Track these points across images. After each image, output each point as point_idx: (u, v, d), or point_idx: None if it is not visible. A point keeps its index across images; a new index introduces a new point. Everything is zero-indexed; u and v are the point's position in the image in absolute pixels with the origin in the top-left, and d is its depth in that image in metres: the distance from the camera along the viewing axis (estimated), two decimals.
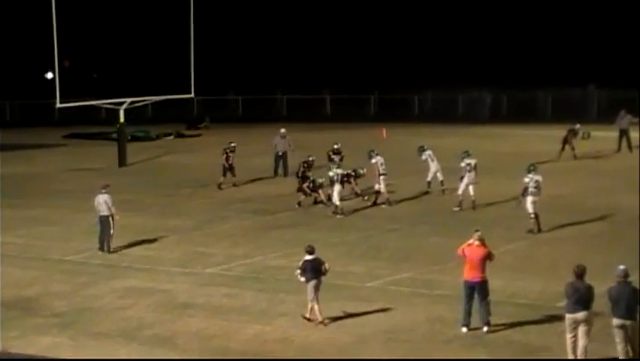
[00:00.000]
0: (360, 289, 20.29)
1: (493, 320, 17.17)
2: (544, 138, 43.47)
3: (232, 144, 33.57)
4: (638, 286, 15.29)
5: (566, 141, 37.09)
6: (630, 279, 15.24)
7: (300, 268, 18.03)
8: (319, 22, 73.18)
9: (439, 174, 30.37)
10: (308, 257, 18.06)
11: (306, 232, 25.81)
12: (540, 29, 66.68)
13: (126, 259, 23.57)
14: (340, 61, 70.44)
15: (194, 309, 19.20)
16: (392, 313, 18.50)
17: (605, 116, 48.25)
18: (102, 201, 24.15)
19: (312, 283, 17.87)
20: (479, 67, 64.46)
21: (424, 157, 30.71)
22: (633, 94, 52.43)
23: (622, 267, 15.23)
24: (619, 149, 38.81)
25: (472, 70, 63.96)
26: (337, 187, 27.93)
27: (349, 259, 22.84)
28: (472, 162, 27.95)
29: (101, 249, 24.00)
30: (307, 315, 17.97)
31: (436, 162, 30.54)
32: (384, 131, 46.20)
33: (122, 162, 40.21)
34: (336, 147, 32.74)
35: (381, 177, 29.16)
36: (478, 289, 17.01)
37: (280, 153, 35.80)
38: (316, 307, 17.86)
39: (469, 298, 17.10)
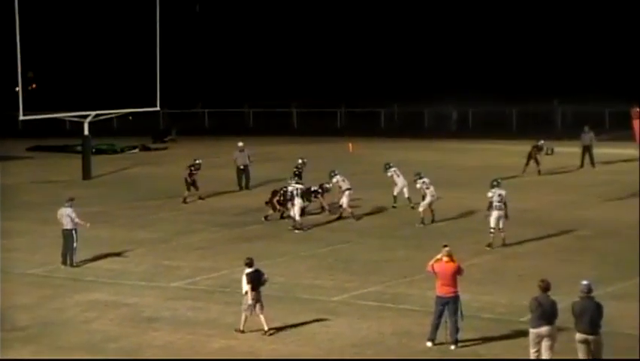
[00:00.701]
0: (328, 302, 20.24)
1: (460, 335, 17.17)
2: (510, 152, 43.73)
3: (197, 161, 33.45)
4: (601, 302, 15.39)
5: (530, 157, 37.38)
6: (594, 294, 15.33)
7: (247, 282, 18.04)
8: (287, 35, 73.28)
9: (405, 190, 30.42)
10: (249, 270, 18.20)
11: (274, 245, 25.76)
12: (504, 45, 67.16)
13: (91, 273, 23.35)
14: (308, 74, 70.57)
15: (159, 323, 19.05)
16: (359, 326, 18.47)
17: (570, 132, 48.72)
18: (65, 215, 23.92)
19: (253, 294, 17.98)
20: (446, 81, 64.80)
21: (389, 174, 30.81)
22: (597, 109, 52.94)
23: (585, 282, 15.31)
24: (582, 165, 39.14)
25: (439, 84, 64.29)
26: (297, 202, 27.80)
27: (317, 272, 22.80)
28: (427, 180, 28.13)
29: (64, 263, 23.77)
30: (241, 327, 18.05)
31: (402, 177, 30.61)
32: (350, 145, 46.28)
33: (86, 174, 39.97)
34: (300, 162, 32.64)
35: (346, 193, 29.19)
36: (449, 304, 17.00)
37: (241, 167, 35.80)
38: (261, 317, 17.96)
39: (440, 314, 17.09)
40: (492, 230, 24.72)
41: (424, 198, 28.08)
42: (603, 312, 15.18)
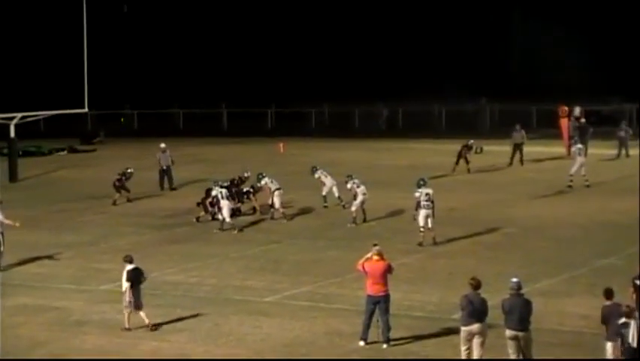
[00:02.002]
0: (259, 303, 20.18)
1: (392, 333, 17.24)
2: (439, 151, 44.09)
3: (129, 170, 33.38)
4: (530, 299, 15.61)
5: (460, 155, 37.74)
6: (523, 291, 15.53)
7: (126, 279, 18.40)
8: (215, 35, 72.92)
9: (334, 189, 30.46)
10: (129, 266, 18.57)
11: (203, 247, 25.62)
12: (432, 44, 67.69)
13: (18, 276, 22.95)
14: (237, 75, 70.28)
15: (89, 326, 18.81)
16: (291, 327, 18.45)
17: (497, 130, 49.33)
18: None
19: (130, 291, 18.28)
20: (375, 80, 65.10)
21: (316, 176, 30.84)
22: (524, 108, 53.67)
23: (515, 279, 15.50)
24: (511, 163, 39.62)
25: (368, 83, 64.57)
26: (224, 203, 27.61)
27: (248, 273, 22.73)
28: (357, 180, 28.27)
29: None
30: (126, 325, 18.26)
31: (330, 177, 30.65)
32: (281, 145, 46.25)
33: (13, 176, 39.33)
34: (246, 175, 31.71)
35: (276, 192, 29.15)
36: (381, 303, 17.04)
37: (164, 168, 35.64)
38: (141, 313, 18.25)
39: (371, 313, 17.12)
40: (422, 229, 24.89)
41: (355, 197, 28.17)
42: (532, 309, 15.39)
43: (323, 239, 26.54)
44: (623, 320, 14.28)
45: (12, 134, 39.98)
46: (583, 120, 42.24)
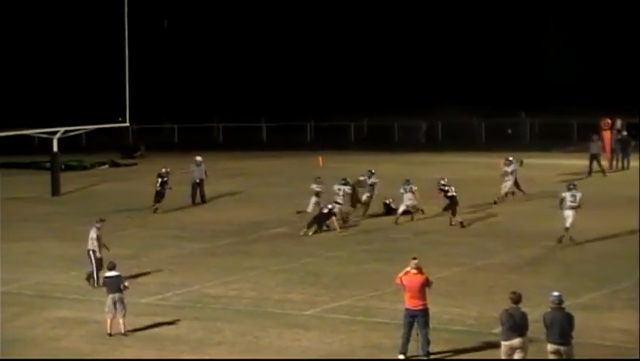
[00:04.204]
0: (299, 316, 20.21)
1: (431, 347, 17.18)
2: (479, 164, 43.88)
3: (164, 170, 34.13)
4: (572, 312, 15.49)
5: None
6: (564, 305, 15.42)
7: (103, 284, 19.37)
8: (255, 49, 73.29)
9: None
10: (109, 273, 19.21)
11: (244, 260, 25.69)
12: (473, 58, 67.57)
13: (60, 290, 23.17)
14: (276, 88, 70.57)
15: (129, 339, 18.93)
16: (330, 340, 18.45)
17: (537, 144, 49.01)
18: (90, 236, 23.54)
19: (110, 297, 18.96)
20: (414, 94, 65.02)
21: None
22: (565, 121, 53.31)
23: (556, 293, 15.41)
24: (590, 173, 39.30)
25: (408, 97, 64.50)
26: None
27: (288, 286, 22.77)
28: (407, 187, 29.36)
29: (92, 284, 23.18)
30: (108, 330, 18.84)
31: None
32: (320, 158, 46.27)
33: (55, 190, 39.69)
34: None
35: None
36: (419, 318, 17.02)
37: (197, 181, 35.75)
38: (121, 321, 18.82)
39: (409, 327, 17.10)
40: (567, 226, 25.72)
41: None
42: (574, 323, 15.27)
43: (363, 252, 26.52)
44: None
45: (55, 148, 40.36)
46: (625, 133, 41.93)
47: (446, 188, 29.60)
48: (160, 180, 33.82)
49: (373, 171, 32.54)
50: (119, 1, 41.04)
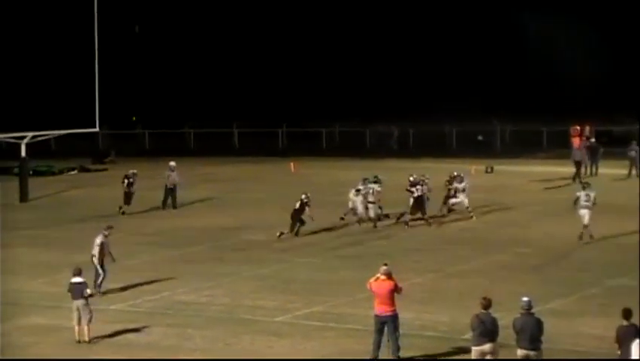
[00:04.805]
0: (271, 323, 20.16)
1: (403, 353, 17.21)
2: (450, 170, 43.88)
3: (131, 171, 34.40)
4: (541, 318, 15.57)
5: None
6: (534, 310, 15.49)
7: (68, 290, 19.14)
8: (227, 55, 73.18)
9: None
10: (74, 279, 19.15)
11: (216, 266, 25.60)
12: (444, 64, 67.81)
13: (30, 296, 22.95)
14: (248, 94, 70.47)
15: (100, 346, 18.80)
16: (302, 347, 18.41)
17: (509, 151, 49.26)
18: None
19: (75, 303, 18.86)
20: (386, 100, 65.16)
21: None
22: (535, 128, 53.61)
23: (526, 298, 15.49)
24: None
25: (379, 103, 64.62)
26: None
27: (260, 292, 22.70)
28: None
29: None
30: (77, 338, 18.80)
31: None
32: (292, 164, 46.29)
33: (23, 197, 39.36)
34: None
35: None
36: (388, 323, 17.03)
37: (170, 186, 35.64)
38: (85, 328, 18.70)
39: (380, 333, 17.11)
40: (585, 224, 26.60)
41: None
42: (543, 328, 15.34)
43: (336, 258, 26.51)
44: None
45: (23, 153, 40.04)
46: (593, 140, 42.27)
47: (412, 189, 29.74)
48: (127, 180, 33.96)
49: (379, 176, 32.48)
50: (90, 5, 40.85)
